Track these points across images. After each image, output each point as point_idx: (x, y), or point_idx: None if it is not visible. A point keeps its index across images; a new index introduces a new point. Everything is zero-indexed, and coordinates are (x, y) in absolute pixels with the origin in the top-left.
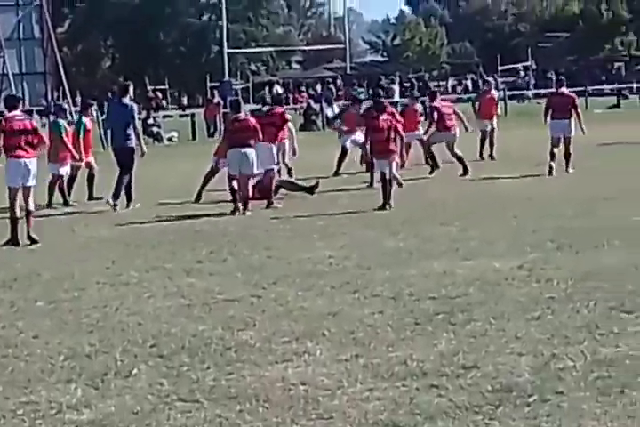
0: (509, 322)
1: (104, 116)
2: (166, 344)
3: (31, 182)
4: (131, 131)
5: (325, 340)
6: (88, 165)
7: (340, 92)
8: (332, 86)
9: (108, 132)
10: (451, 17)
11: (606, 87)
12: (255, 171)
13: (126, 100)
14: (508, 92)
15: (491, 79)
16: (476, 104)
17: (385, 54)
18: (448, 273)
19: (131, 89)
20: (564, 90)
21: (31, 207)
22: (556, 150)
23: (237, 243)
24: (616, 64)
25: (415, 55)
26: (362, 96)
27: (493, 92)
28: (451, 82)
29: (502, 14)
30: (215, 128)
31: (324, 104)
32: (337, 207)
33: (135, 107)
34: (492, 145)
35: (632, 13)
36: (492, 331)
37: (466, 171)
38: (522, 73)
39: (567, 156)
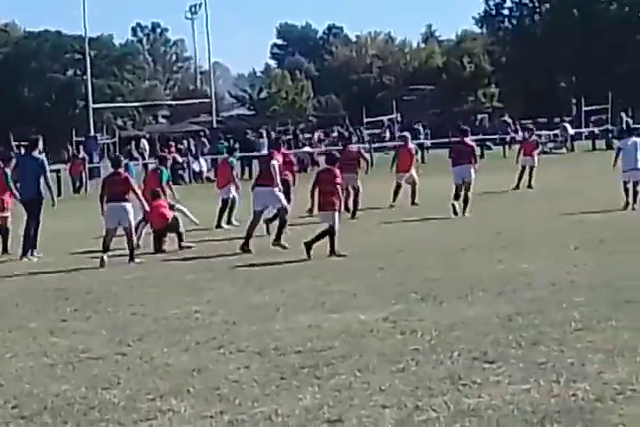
0: (374, 374)
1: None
2: (28, 405)
3: None
4: (40, 183)
5: (190, 397)
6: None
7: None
8: (204, 140)
9: (17, 184)
10: (316, 70)
11: (472, 138)
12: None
13: (36, 153)
14: (374, 144)
15: (407, 133)
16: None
17: (252, 108)
18: (314, 326)
19: (40, 143)
20: (467, 139)
21: None
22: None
23: (101, 300)
24: (479, 116)
25: (282, 108)
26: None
27: (410, 145)
28: (317, 135)
29: (367, 67)
30: (81, 183)
31: (191, 158)
32: (205, 262)
33: (45, 160)
34: (413, 194)
35: (493, 66)
36: (356, 384)
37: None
38: (386, 124)
39: (465, 200)
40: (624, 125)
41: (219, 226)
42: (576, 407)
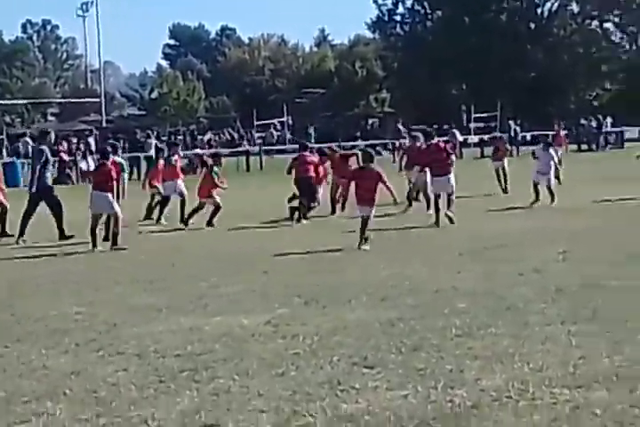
0: (253, 379)
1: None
2: None
3: None
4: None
5: (66, 399)
6: None
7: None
8: (90, 140)
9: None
10: (208, 71)
11: (361, 143)
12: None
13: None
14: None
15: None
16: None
17: (142, 108)
18: (195, 329)
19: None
20: (440, 143)
21: None
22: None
23: None
24: (370, 120)
25: (173, 109)
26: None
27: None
28: (207, 136)
29: (260, 70)
30: None
31: (79, 157)
32: (90, 263)
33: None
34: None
35: (385, 71)
36: (235, 388)
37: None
38: (278, 127)
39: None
40: (512, 133)
41: (158, 220)
42: (452, 414)
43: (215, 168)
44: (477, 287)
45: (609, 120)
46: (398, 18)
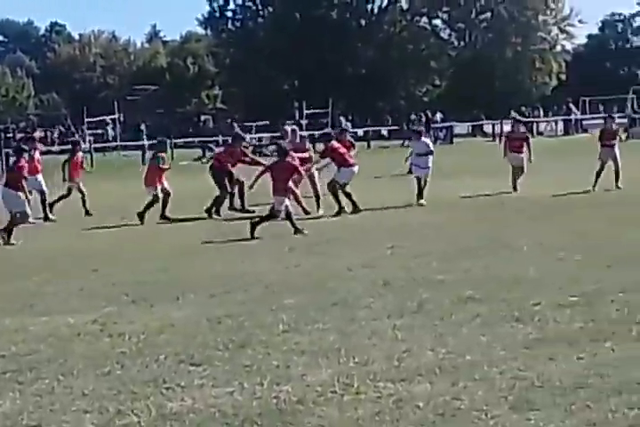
0: (78, 379)
1: None
2: None
3: None
4: None
5: None
6: None
7: None
8: None
9: None
10: (38, 68)
11: (194, 140)
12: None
13: None
14: (94, 145)
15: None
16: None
17: None
18: (20, 330)
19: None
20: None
21: None
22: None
23: None
24: (203, 117)
25: (1, 106)
26: None
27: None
28: (38, 133)
29: (91, 66)
30: None
31: None
32: None
33: None
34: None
35: (217, 67)
36: (59, 388)
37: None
38: (110, 125)
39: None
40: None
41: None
42: (277, 410)
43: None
44: (306, 282)
45: (438, 115)
46: (230, 14)
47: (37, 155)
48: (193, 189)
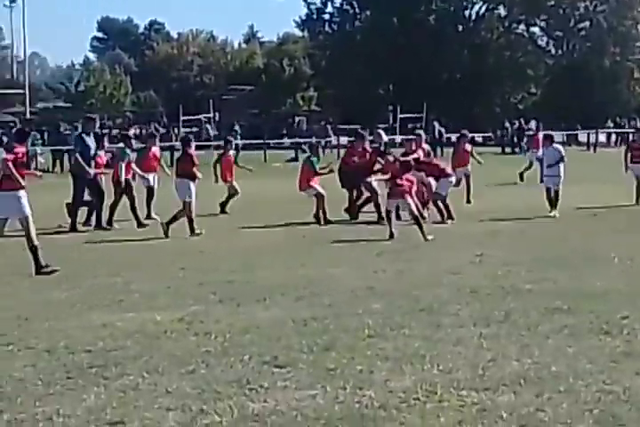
0: (162, 376)
1: None
2: None
3: None
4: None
5: None
6: None
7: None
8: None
9: None
10: (136, 65)
11: (287, 141)
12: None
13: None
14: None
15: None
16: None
17: (68, 100)
18: (107, 325)
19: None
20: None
21: None
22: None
23: None
24: (297, 118)
25: (99, 102)
26: (37, 142)
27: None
28: (132, 130)
29: (188, 65)
30: None
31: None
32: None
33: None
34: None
35: (313, 69)
36: (143, 385)
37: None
38: (210, 124)
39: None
40: (436, 134)
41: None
42: (359, 414)
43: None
44: (392, 287)
45: (533, 123)
46: (327, 17)
47: (156, 151)
48: (283, 192)
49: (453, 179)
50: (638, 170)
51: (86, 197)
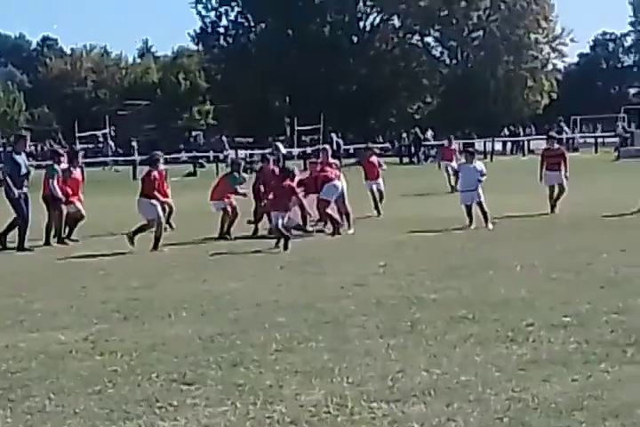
0: (69, 397)
1: None
2: None
3: None
4: None
5: None
6: None
7: None
8: None
9: None
10: (29, 82)
11: (184, 155)
12: None
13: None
14: (88, 159)
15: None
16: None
17: None
18: (10, 347)
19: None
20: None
21: None
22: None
23: None
24: (194, 132)
25: None
26: None
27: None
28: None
29: (82, 81)
30: None
31: None
32: None
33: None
34: None
35: (209, 83)
36: (50, 407)
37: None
38: (108, 140)
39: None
40: (334, 146)
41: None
42: None
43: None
44: (297, 300)
45: (429, 133)
46: (222, 30)
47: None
48: (184, 207)
49: (338, 182)
50: (552, 178)
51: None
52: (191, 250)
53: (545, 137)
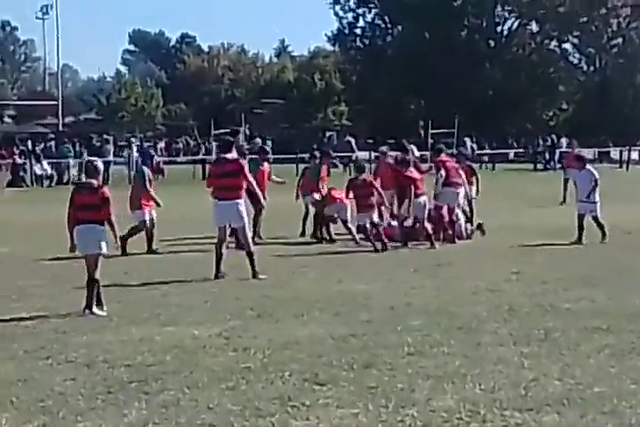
0: (203, 392)
1: None
2: None
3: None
4: None
5: (13, 408)
6: None
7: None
8: (50, 144)
9: None
10: (167, 78)
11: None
12: None
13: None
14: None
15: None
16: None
17: (99, 113)
18: (146, 340)
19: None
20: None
21: None
22: None
23: None
24: (328, 133)
25: (130, 115)
26: (70, 154)
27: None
28: (162, 144)
29: (219, 78)
30: None
31: (33, 161)
32: (40, 268)
33: None
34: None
35: (344, 84)
36: (184, 401)
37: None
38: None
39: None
40: (468, 150)
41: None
42: None
43: None
44: (430, 304)
45: (564, 140)
46: (359, 31)
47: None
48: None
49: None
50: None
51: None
52: (316, 250)
53: None
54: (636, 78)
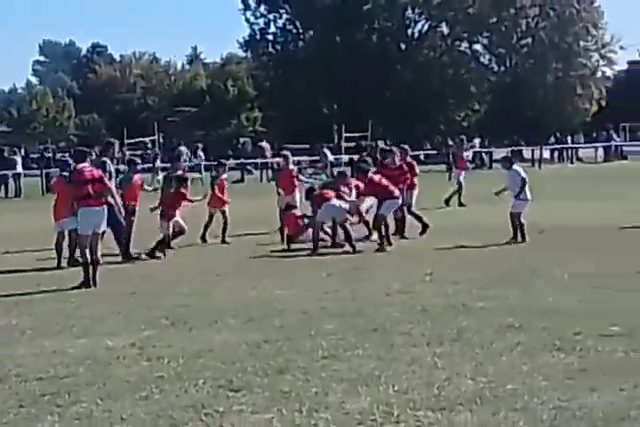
0: (117, 402)
1: None
2: None
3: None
4: None
5: None
6: None
7: None
8: None
9: None
10: (79, 88)
11: (232, 162)
12: None
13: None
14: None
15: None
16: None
17: (10, 125)
18: (59, 352)
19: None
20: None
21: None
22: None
23: None
24: (242, 139)
25: (42, 126)
26: None
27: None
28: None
29: (131, 87)
30: None
31: None
32: None
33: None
34: None
35: (257, 90)
36: (97, 412)
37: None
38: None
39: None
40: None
41: None
42: None
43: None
44: (345, 308)
45: (477, 140)
46: (270, 37)
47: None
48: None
49: (399, 201)
50: None
51: None
52: (235, 255)
53: (595, 145)
54: (546, 78)
